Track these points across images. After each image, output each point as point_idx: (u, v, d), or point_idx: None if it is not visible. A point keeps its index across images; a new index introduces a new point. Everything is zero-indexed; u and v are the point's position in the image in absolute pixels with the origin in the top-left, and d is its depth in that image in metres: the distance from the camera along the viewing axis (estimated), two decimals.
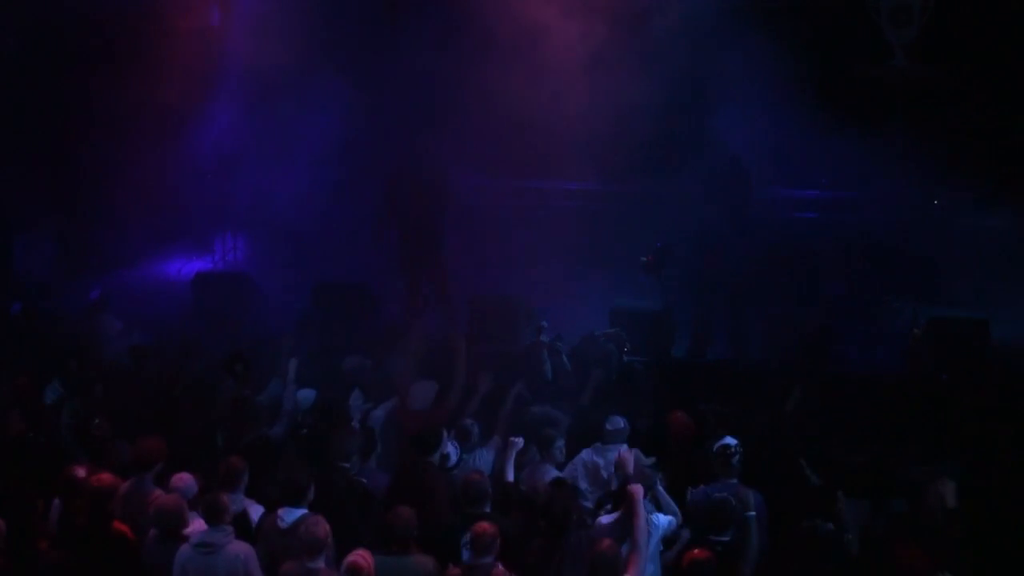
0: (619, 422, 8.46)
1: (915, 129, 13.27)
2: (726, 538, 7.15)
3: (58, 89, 14.42)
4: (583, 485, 8.23)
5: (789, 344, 11.50)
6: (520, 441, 7.99)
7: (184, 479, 7.47)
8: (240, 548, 6.86)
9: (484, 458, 8.47)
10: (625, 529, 6.87)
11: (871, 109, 13.16)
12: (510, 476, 7.91)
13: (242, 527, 7.19)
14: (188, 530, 7.02)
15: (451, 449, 8.14)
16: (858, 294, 12.90)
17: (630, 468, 7.45)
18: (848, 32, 13.90)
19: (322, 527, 6.69)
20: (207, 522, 6.94)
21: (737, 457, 7.81)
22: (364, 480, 7.81)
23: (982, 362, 10.96)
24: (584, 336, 10.99)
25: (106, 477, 7.38)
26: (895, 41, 13.98)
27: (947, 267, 12.65)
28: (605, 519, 7.22)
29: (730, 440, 7.91)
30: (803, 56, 13.32)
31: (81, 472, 7.56)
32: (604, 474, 8.23)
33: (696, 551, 6.71)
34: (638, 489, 6.98)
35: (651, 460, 8.03)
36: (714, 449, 7.91)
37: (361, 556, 6.42)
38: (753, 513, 7.18)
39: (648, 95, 12.13)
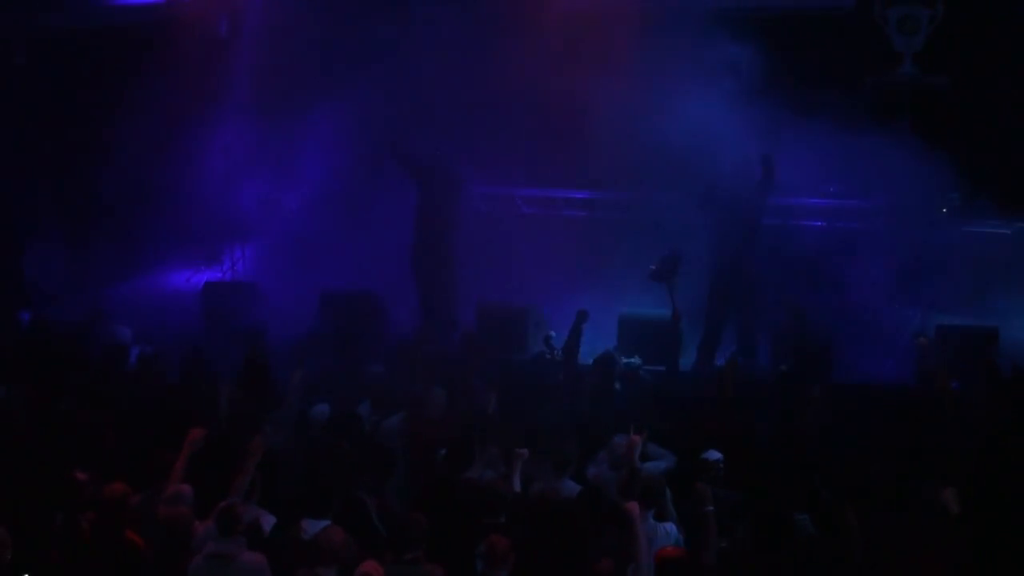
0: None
1: (923, 137, 13.26)
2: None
3: (67, 100, 14.46)
4: None
5: (796, 353, 11.48)
6: (525, 452, 7.94)
7: (181, 489, 7.47)
8: (253, 559, 6.86)
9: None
10: (627, 549, 6.86)
11: (879, 117, 13.14)
12: (516, 487, 7.88)
13: (254, 537, 7.20)
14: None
15: None
16: (866, 303, 12.88)
17: (636, 455, 7.65)
18: (856, 41, 13.91)
19: (339, 536, 6.74)
20: (220, 532, 6.93)
21: (719, 473, 7.99)
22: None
23: (992, 370, 10.92)
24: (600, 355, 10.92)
25: (118, 487, 7.38)
26: (903, 50, 14.00)
27: (955, 275, 12.62)
28: None
29: (714, 454, 8.06)
30: (811, 64, 13.33)
31: (82, 476, 7.58)
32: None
33: (668, 549, 6.78)
34: (633, 507, 6.95)
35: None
36: (699, 460, 8.04)
37: (372, 566, 6.45)
38: (712, 508, 7.25)
39: (655, 102, 12.14)
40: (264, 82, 13.95)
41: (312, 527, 7.08)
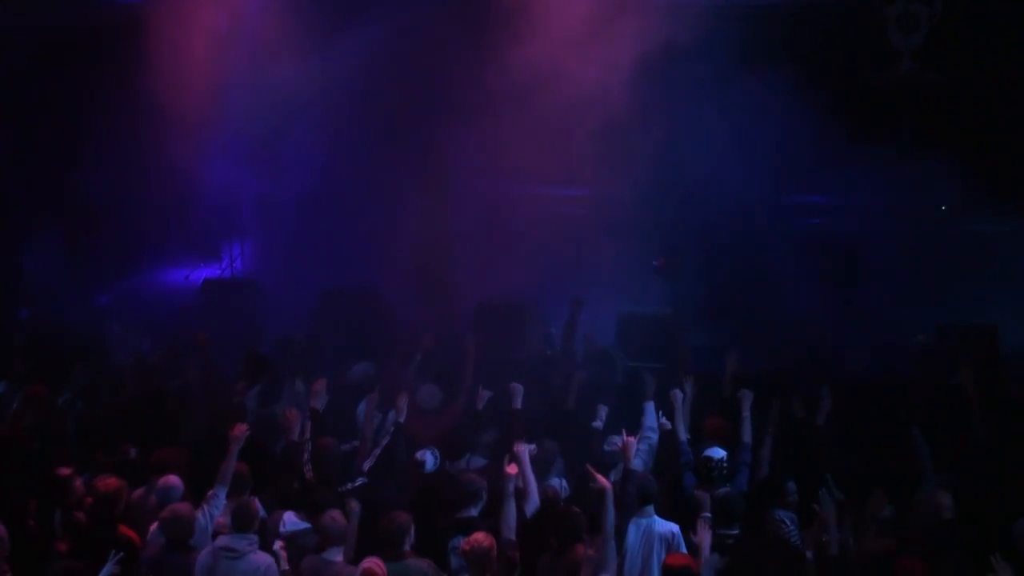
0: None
1: (922, 135, 13.26)
2: (735, 531, 7.15)
3: (65, 95, 14.45)
4: None
5: (796, 352, 11.48)
6: (533, 447, 7.89)
7: (170, 480, 7.47)
8: (262, 559, 6.88)
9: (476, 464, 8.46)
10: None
11: (878, 115, 13.15)
12: (528, 482, 7.83)
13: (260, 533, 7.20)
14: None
15: (428, 456, 8.12)
16: (865, 301, 12.87)
17: (631, 455, 7.54)
18: (855, 38, 13.91)
19: (342, 521, 6.92)
20: (234, 528, 6.93)
21: (717, 472, 7.82)
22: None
23: (991, 369, 10.92)
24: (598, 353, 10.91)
25: (112, 482, 7.39)
26: (902, 47, 14.00)
27: (955, 273, 12.62)
28: None
29: (717, 452, 7.91)
30: (810, 62, 13.32)
31: (65, 471, 7.58)
32: None
33: (674, 557, 6.71)
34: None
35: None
36: (700, 456, 7.94)
37: (375, 563, 6.47)
38: (708, 515, 7.25)
39: (653, 99, 12.14)
40: (264, 78, 13.91)
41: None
